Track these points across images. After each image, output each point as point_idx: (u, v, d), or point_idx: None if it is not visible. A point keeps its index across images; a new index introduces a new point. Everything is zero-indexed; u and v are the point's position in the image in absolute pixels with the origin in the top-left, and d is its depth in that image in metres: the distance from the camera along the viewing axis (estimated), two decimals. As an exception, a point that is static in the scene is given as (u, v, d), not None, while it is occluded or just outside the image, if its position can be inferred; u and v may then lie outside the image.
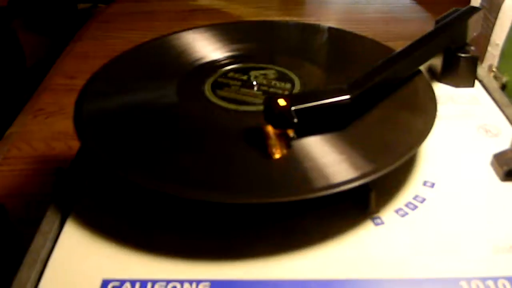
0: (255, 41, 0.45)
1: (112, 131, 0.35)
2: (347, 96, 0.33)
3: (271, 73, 0.40)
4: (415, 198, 0.33)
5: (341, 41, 0.46)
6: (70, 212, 0.33)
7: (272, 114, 0.32)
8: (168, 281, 0.29)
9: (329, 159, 0.31)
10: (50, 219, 0.32)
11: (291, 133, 0.32)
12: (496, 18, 0.56)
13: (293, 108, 0.32)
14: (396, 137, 0.33)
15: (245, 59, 0.42)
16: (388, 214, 0.32)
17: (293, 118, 0.31)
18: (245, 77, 0.40)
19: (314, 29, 0.47)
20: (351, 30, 0.46)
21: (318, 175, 0.30)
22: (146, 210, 0.33)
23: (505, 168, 0.34)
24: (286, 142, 0.32)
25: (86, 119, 0.35)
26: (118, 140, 0.34)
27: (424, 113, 0.35)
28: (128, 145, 0.33)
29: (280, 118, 0.32)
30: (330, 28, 0.47)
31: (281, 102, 0.32)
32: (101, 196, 0.34)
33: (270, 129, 0.33)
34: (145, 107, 0.37)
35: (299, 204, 0.29)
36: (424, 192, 0.34)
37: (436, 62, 0.44)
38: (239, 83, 0.39)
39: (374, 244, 0.31)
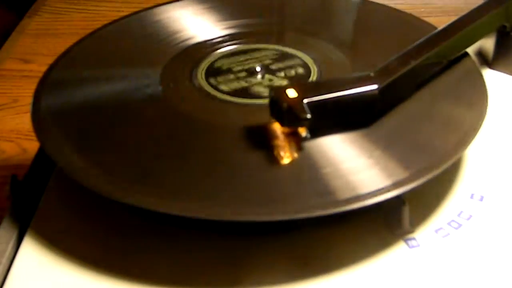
0: (261, 16, 0.45)
1: (79, 131, 0.35)
2: (375, 86, 0.34)
3: (280, 57, 0.41)
4: (459, 214, 0.34)
5: (370, 16, 0.47)
6: (27, 227, 0.33)
7: (280, 108, 0.32)
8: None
9: (352, 165, 0.32)
10: (4, 237, 0.33)
11: (303, 132, 0.33)
12: None
13: (305, 100, 0.32)
14: (436, 136, 0.34)
15: (247, 38, 0.43)
16: (425, 234, 0.33)
17: (306, 114, 0.32)
18: (247, 62, 0.40)
19: (336, 0, 0.48)
20: (383, 2, 0.47)
21: (338, 185, 0.31)
22: (118, 225, 0.33)
23: None
24: (297, 143, 0.33)
25: (46, 114, 0.36)
26: (86, 142, 0.34)
27: (472, 107, 0.36)
28: (99, 149, 0.34)
29: (290, 114, 0.32)
30: (356, 0, 0.48)
31: (291, 93, 0.32)
32: (64, 209, 0.35)
33: (277, 127, 0.33)
34: (121, 100, 0.38)
35: (313, 219, 0.30)
36: (470, 207, 0.34)
37: (487, 44, 0.45)
38: (239, 69, 0.40)
39: (407, 271, 0.31)
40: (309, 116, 0.32)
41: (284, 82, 0.38)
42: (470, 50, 0.40)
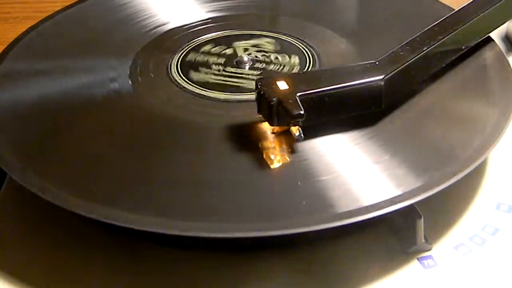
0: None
1: (32, 133, 0.35)
2: (380, 76, 0.34)
3: (270, 44, 0.41)
4: (483, 228, 0.34)
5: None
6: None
7: (269, 104, 0.32)
8: None
9: (356, 170, 0.32)
10: None
11: (296, 131, 0.32)
12: None
13: (299, 94, 0.32)
14: (454, 138, 0.34)
15: (231, 23, 0.43)
16: (443, 251, 0.33)
17: (299, 110, 0.31)
18: (231, 51, 0.40)
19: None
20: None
21: (338, 195, 0.31)
22: (87, 245, 0.33)
23: None
24: (290, 145, 0.33)
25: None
26: (40, 147, 0.34)
27: (496, 103, 0.36)
28: (56, 155, 0.34)
29: (280, 110, 0.32)
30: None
31: (282, 85, 0.32)
32: (20, 227, 0.35)
33: (266, 126, 0.33)
34: (83, 97, 0.37)
35: (309, 234, 0.30)
36: (496, 219, 0.34)
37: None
38: (222, 59, 0.40)
39: (421, 295, 0.31)
40: (302, 112, 0.31)
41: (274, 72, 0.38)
42: (495, 34, 0.40)
